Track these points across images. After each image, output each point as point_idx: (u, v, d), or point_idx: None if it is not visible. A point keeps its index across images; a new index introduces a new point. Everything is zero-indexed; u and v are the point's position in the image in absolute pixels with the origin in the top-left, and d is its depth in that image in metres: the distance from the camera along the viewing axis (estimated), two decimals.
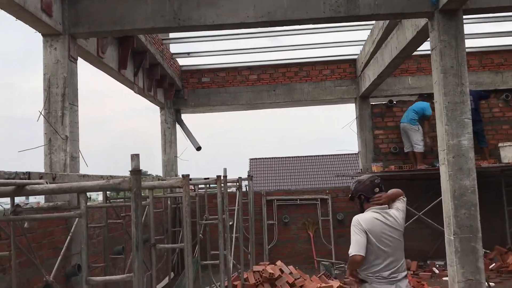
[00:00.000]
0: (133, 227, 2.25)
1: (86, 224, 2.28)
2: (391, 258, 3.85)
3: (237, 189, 8.43)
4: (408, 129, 9.64)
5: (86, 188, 2.31)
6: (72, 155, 5.54)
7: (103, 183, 2.26)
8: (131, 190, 2.26)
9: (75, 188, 2.29)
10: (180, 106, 10.99)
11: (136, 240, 2.24)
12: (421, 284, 7.70)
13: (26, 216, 2.85)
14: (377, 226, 3.91)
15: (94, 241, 5.86)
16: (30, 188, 2.30)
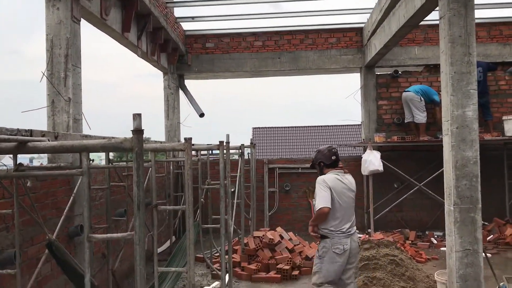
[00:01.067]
0: (134, 187, 2.26)
1: (87, 182, 2.29)
2: (348, 215, 4.56)
3: (239, 156, 8.46)
4: (409, 98, 9.57)
5: (88, 147, 2.31)
6: (75, 117, 5.54)
7: (105, 142, 2.26)
8: (132, 150, 2.26)
9: (77, 147, 2.29)
10: (183, 71, 10.90)
11: (137, 199, 2.26)
12: (419, 253, 7.81)
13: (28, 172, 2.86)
14: (338, 185, 4.58)
15: (97, 203, 5.93)
16: (32, 145, 2.30)
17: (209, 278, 6.92)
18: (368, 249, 6.38)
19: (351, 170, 10.27)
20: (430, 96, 9.54)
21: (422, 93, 9.53)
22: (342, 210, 4.50)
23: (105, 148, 2.26)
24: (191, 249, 3.19)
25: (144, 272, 2.32)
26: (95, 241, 5.65)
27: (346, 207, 4.55)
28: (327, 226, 4.47)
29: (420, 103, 9.49)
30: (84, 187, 2.29)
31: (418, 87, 9.70)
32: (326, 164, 4.77)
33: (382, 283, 5.76)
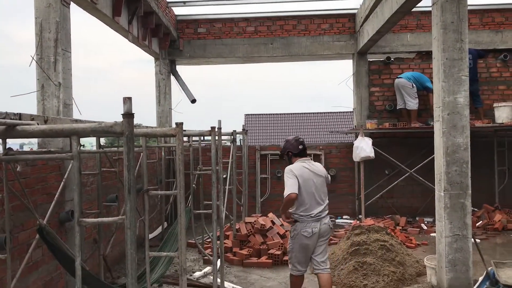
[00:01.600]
0: (125, 171, 2.24)
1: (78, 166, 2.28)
2: (317, 200, 4.75)
3: (231, 143, 8.46)
4: (401, 85, 9.58)
5: (78, 131, 2.29)
6: (65, 102, 5.49)
7: (95, 126, 2.24)
8: (123, 134, 2.24)
9: (67, 131, 2.27)
10: (175, 57, 10.82)
11: (128, 184, 2.25)
12: (409, 239, 7.88)
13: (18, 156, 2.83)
14: (305, 172, 4.78)
15: (88, 188, 5.91)
16: (20, 129, 2.27)
17: (201, 263, 6.95)
18: (358, 235, 6.42)
19: (342, 156, 10.39)
20: (423, 83, 9.56)
21: (414, 80, 9.54)
22: (310, 195, 4.72)
23: (95, 132, 2.24)
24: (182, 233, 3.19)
25: (135, 256, 2.32)
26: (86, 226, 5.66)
27: (316, 193, 4.76)
28: (297, 212, 4.75)
29: (412, 90, 9.49)
30: (74, 171, 2.27)
31: (411, 74, 9.72)
32: (294, 154, 4.96)
33: (373, 268, 5.81)
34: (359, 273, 5.80)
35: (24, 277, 4.15)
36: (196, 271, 6.43)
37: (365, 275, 5.77)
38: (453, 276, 5.14)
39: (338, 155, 10.46)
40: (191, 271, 6.47)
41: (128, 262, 2.25)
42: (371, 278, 5.71)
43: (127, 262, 2.27)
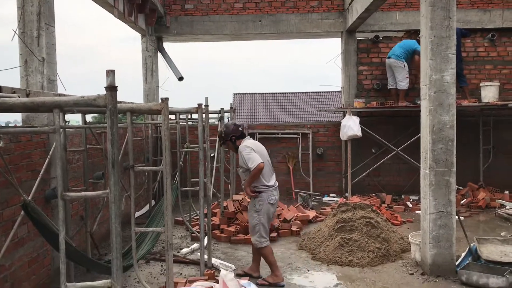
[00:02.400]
0: (108, 145, 2.22)
1: (60, 140, 2.24)
2: (272, 170, 5.32)
3: (219, 120, 8.42)
4: (393, 65, 9.55)
5: (60, 104, 2.25)
6: (49, 78, 5.39)
7: (77, 99, 2.20)
8: (106, 107, 2.21)
9: (48, 103, 2.23)
10: (162, 33, 10.66)
11: (112, 158, 2.23)
12: (394, 216, 7.98)
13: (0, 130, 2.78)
14: (258, 146, 5.32)
15: (74, 165, 5.86)
16: (1, 101, 2.23)
17: (188, 240, 6.99)
18: (345, 212, 6.49)
19: (330, 135, 10.42)
20: (411, 49, 9.44)
21: (404, 55, 9.43)
22: (267, 167, 5.16)
23: (78, 104, 2.20)
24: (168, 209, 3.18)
25: (120, 230, 2.32)
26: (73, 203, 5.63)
27: (269, 163, 5.29)
28: (261, 183, 5.11)
29: (403, 70, 9.45)
30: (57, 145, 2.24)
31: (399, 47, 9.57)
32: (237, 136, 5.34)
33: (358, 244, 5.89)
34: (345, 249, 5.88)
35: (9, 254, 4.13)
36: (183, 248, 6.46)
37: (351, 251, 5.85)
38: (437, 252, 5.23)
39: (326, 134, 10.48)
40: (179, 248, 6.51)
41: (113, 237, 2.25)
42: (356, 254, 5.79)
43: (112, 237, 2.26)
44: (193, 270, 5.66)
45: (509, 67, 10.21)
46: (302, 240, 6.73)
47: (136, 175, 8.66)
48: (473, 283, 4.89)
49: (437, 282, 5.09)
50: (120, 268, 2.29)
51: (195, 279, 4.86)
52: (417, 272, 5.40)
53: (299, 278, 5.37)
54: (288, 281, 5.24)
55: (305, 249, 6.40)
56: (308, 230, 7.23)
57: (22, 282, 4.54)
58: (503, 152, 10.03)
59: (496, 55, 10.24)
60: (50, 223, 3.74)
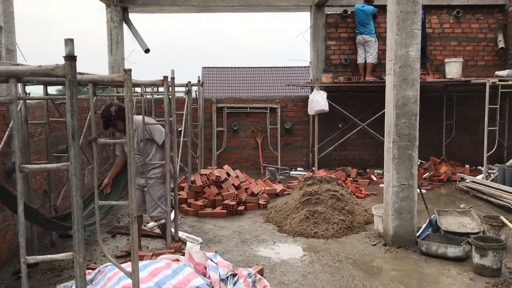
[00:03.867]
0: (68, 116, 2.17)
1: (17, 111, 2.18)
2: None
3: (186, 94, 8.31)
4: (366, 41, 9.67)
5: (16, 73, 2.17)
6: (8, 48, 5.20)
7: (34, 68, 2.13)
8: (65, 77, 2.14)
9: (4, 72, 2.14)
10: (127, 4, 10.36)
11: (72, 129, 2.18)
12: (359, 189, 8.16)
13: None
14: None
15: (36, 139, 5.71)
16: None
17: None
18: (311, 185, 6.59)
19: (298, 110, 10.48)
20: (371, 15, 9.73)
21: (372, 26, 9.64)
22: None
23: (35, 74, 2.13)
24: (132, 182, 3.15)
25: (81, 203, 2.28)
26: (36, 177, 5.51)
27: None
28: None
29: (375, 44, 9.67)
30: (14, 115, 2.17)
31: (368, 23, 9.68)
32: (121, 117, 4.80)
33: (323, 217, 6.01)
34: (310, 222, 5.99)
35: None
36: (150, 222, 6.44)
37: (316, 223, 5.97)
38: (399, 224, 5.39)
39: (294, 109, 10.53)
40: (146, 222, 6.48)
41: (74, 209, 2.22)
42: (321, 226, 5.91)
43: (73, 209, 2.23)
44: (160, 244, 5.67)
45: (472, 44, 10.42)
46: (269, 213, 6.82)
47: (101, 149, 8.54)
48: (432, 253, 5.08)
49: (398, 252, 5.26)
50: (82, 241, 2.27)
51: (162, 252, 4.87)
52: (379, 243, 5.56)
53: (266, 250, 5.45)
54: (254, 253, 5.32)
55: (271, 221, 6.49)
56: (275, 203, 7.31)
57: None
58: (465, 127, 10.33)
59: (461, 32, 10.42)
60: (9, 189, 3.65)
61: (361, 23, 9.70)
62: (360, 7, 9.73)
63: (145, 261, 4.17)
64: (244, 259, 5.13)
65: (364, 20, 9.67)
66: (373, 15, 9.69)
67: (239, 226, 6.36)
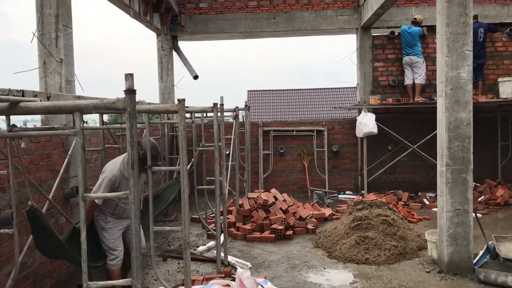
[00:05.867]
0: (128, 146, 2.26)
1: (81, 143, 2.30)
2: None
3: (234, 119, 8.45)
4: (414, 63, 9.57)
5: (80, 107, 2.30)
6: (67, 79, 5.49)
7: (97, 102, 2.25)
8: (125, 110, 2.25)
9: (69, 107, 2.28)
10: (177, 32, 10.74)
11: (131, 159, 2.27)
12: (411, 214, 7.94)
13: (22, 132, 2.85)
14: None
15: (92, 165, 5.95)
16: (24, 105, 2.29)
17: (205, 238, 7.05)
18: (361, 210, 6.48)
19: (345, 132, 10.40)
20: (419, 36, 9.58)
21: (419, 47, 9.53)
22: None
23: (97, 108, 2.25)
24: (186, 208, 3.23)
25: (139, 230, 2.36)
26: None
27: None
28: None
29: (423, 65, 9.58)
30: (78, 147, 2.29)
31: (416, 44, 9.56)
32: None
33: (374, 242, 5.88)
34: (361, 247, 5.88)
35: (31, 251, 4.22)
36: (200, 246, 6.52)
37: (367, 249, 5.84)
38: (454, 250, 5.20)
39: (341, 131, 10.45)
40: (195, 246, 6.57)
41: (132, 236, 2.29)
42: (372, 252, 5.78)
43: (132, 236, 2.31)
44: (209, 268, 5.71)
45: None
46: (318, 238, 6.74)
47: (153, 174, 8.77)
48: (491, 282, 4.85)
49: (454, 280, 5.06)
50: (140, 267, 2.34)
51: (212, 277, 4.90)
52: (434, 270, 5.37)
53: (316, 276, 5.38)
54: (304, 280, 5.26)
55: (321, 247, 6.42)
56: (324, 228, 7.23)
57: (43, 279, 4.64)
58: None
59: None
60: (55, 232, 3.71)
61: (408, 44, 9.61)
62: (407, 28, 9.64)
63: (196, 286, 4.22)
64: (294, 286, 5.09)
65: (411, 41, 9.57)
66: (420, 36, 9.58)
67: (287, 251, 6.33)
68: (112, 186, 4.16)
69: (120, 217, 4.42)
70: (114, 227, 4.39)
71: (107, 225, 4.37)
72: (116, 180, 4.18)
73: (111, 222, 4.38)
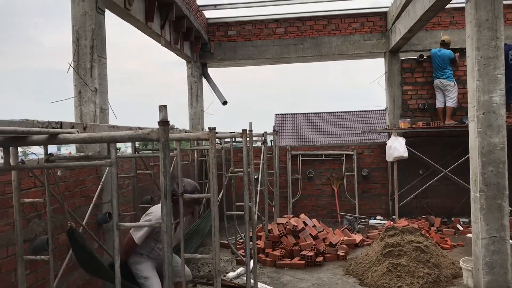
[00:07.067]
0: (161, 176, 2.32)
1: (116, 172, 2.37)
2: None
3: (262, 144, 8.50)
4: (445, 86, 9.47)
5: (116, 138, 2.38)
6: (101, 107, 5.65)
7: (132, 133, 2.32)
8: (159, 141, 2.31)
9: (105, 138, 2.36)
10: (206, 59, 10.95)
11: (164, 189, 2.32)
12: (444, 240, 7.75)
13: (60, 163, 2.95)
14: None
15: (124, 190, 6.06)
16: (62, 137, 2.38)
17: (234, 264, 7.03)
18: (392, 236, 6.37)
19: (375, 156, 10.30)
20: (449, 60, 9.47)
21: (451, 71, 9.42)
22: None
23: (133, 139, 2.33)
24: (216, 236, 3.25)
25: (172, 259, 2.39)
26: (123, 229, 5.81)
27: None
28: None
29: (454, 88, 9.45)
30: (113, 177, 2.36)
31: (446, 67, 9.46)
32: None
33: (407, 270, 5.75)
34: (393, 275, 5.75)
35: (65, 277, 4.30)
36: (229, 272, 6.51)
37: (399, 277, 5.72)
38: (491, 279, 5.03)
39: (370, 155, 10.36)
40: (225, 272, 6.56)
41: (165, 266, 2.33)
42: (405, 280, 5.65)
43: (164, 266, 2.34)
44: None
45: None
46: (349, 265, 6.64)
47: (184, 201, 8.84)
48: None
49: None
50: None
51: None
52: None
53: None
54: None
55: (352, 274, 6.31)
56: (355, 254, 7.12)
57: None
58: None
59: None
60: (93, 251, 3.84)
61: (439, 68, 9.53)
62: (437, 51, 9.58)
63: None
64: None
65: (441, 65, 9.49)
66: (450, 60, 9.48)
67: (318, 278, 6.24)
68: (153, 231, 4.26)
69: (154, 258, 4.49)
70: (148, 262, 4.45)
71: (141, 258, 4.44)
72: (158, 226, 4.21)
73: (145, 259, 4.44)
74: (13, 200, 3.18)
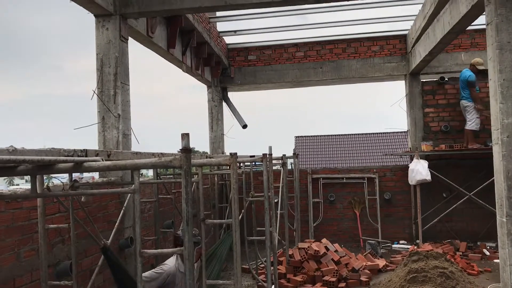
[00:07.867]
0: (183, 203, 2.34)
1: (139, 199, 2.39)
2: None
3: (282, 167, 8.49)
4: (463, 106, 9.37)
5: (139, 165, 2.42)
6: (124, 133, 5.75)
7: (155, 161, 2.35)
8: (181, 168, 2.34)
9: (129, 165, 2.40)
10: (226, 84, 11.08)
11: (186, 215, 2.33)
12: (470, 265, 7.55)
13: (84, 191, 3.00)
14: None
15: (145, 215, 6.10)
16: (87, 165, 2.43)
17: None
18: (416, 261, 6.24)
19: (397, 179, 10.17)
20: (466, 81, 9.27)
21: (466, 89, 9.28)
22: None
23: (155, 166, 2.36)
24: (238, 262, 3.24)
25: (194, 284, 2.39)
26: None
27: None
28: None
29: (473, 110, 9.29)
30: (136, 203, 2.39)
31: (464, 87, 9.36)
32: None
33: None
34: None
35: None
36: None
37: None
38: None
39: (393, 178, 10.23)
40: None
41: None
42: None
43: None
44: None
45: None
46: None
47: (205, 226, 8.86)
48: None
49: None
50: None
51: None
52: None
53: None
54: None
55: None
56: (378, 280, 6.98)
57: None
58: None
59: None
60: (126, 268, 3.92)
61: (461, 88, 9.42)
62: (463, 72, 9.44)
63: None
64: None
65: (461, 85, 9.40)
66: (467, 82, 9.28)
67: None
68: (164, 280, 4.28)
69: None
70: None
71: None
72: (170, 275, 4.31)
73: None
74: (38, 225, 3.23)
